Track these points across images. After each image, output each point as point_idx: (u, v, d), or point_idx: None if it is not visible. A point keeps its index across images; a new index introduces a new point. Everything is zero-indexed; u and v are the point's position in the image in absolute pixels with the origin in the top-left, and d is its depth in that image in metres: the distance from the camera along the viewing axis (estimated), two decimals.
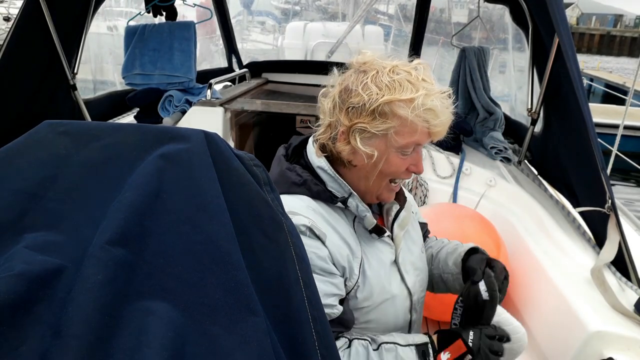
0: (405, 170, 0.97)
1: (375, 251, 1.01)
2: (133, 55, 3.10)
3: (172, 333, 0.38)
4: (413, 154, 0.97)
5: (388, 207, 1.09)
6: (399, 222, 1.06)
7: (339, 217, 0.99)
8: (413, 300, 1.03)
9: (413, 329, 1.06)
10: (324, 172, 1.00)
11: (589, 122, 1.69)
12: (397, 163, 0.96)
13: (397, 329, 1.02)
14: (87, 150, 0.50)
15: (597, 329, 1.51)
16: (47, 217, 0.45)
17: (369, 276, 0.97)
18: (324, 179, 1.00)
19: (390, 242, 1.03)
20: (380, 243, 1.02)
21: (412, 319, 1.04)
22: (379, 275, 0.99)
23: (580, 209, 1.99)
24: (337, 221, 0.98)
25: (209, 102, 2.92)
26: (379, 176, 0.97)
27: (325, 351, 0.51)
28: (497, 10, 3.82)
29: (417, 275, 1.06)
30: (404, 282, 1.02)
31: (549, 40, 2.26)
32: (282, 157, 1.06)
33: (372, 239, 1.01)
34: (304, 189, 0.98)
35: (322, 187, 0.98)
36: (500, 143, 2.86)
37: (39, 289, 0.38)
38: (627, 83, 14.70)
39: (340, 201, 0.98)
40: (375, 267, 0.99)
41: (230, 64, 4.35)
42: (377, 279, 0.98)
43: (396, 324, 1.01)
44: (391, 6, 8.82)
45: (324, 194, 0.98)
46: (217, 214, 0.47)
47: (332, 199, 0.98)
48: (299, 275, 0.53)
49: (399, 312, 1.01)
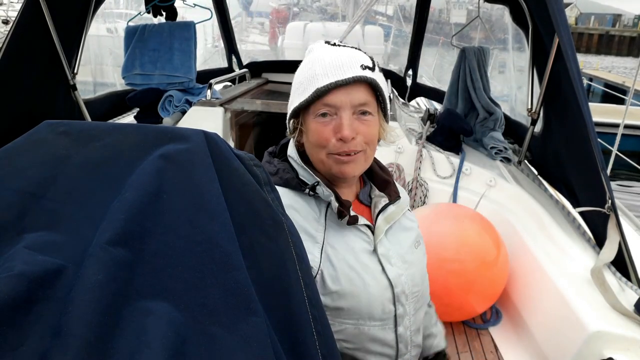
0: (334, 138, 0.98)
1: (343, 238, 1.02)
2: (133, 56, 3.10)
3: (172, 333, 0.38)
4: (335, 118, 0.97)
5: (377, 200, 1.10)
6: (385, 215, 1.07)
7: (305, 205, 1.02)
8: (396, 292, 1.03)
9: (402, 324, 1.05)
10: (294, 161, 1.05)
11: (589, 122, 1.69)
12: (318, 129, 0.98)
13: (373, 319, 1.02)
14: (87, 150, 0.50)
15: (597, 329, 1.51)
16: (47, 217, 0.45)
17: (334, 262, 0.99)
18: (295, 168, 1.05)
19: (367, 231, 1.04)
20: (353, 231, 1.03)
21: (397, 312, 1.04)
22: (346, 262, 1.00)
23: (580, 209, 1.99)
24: (301, 208, 1.01)
25: (209, 102, 2.92)
26: (314, 149, 1.01)
27: (325, 351, 0.51)
28: (496, 10, 3.82)
29: (405, 269, 1.06)
30: (384, 272, 1.03)
31: (549, 40, 2.26)
32: (267, 153, 1.13)
33: (344, 226, 1.02)
34: (277, 177, 1.04)
35: (292, 174, 1.03)
36: (500, 143, 2.86)
37: (39, 289, 0.38)
38: (626, 82, 14.71)
39: (308, 188, 1.00)
40: (342, 253, 1.00)
41: (230, 64, 4.36)
42: (344, 265, 0.99)
43: (371, 313, 1.01)
44: (390, 7, 8.82)
45: (292, 181, 1.02)
46: (217, 214, 0.47)
47: (300, 187, 1.01)
48: (299, 275, 0.53)
49: (373, 301, 1.00)
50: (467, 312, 2.21)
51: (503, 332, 2.20)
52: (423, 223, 2.27)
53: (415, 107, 4.16)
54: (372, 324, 1.02)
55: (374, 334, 1.03)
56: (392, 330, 1.05)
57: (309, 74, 0.99)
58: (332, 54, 0.99)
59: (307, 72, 1.00)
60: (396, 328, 1.05)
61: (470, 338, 2.19)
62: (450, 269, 2.04)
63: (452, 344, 2.16)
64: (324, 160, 1.01)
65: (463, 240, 2.13)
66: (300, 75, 1.03)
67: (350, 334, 1.01)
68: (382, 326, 1.03)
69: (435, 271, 2.12)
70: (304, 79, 1.01)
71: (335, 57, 0.98)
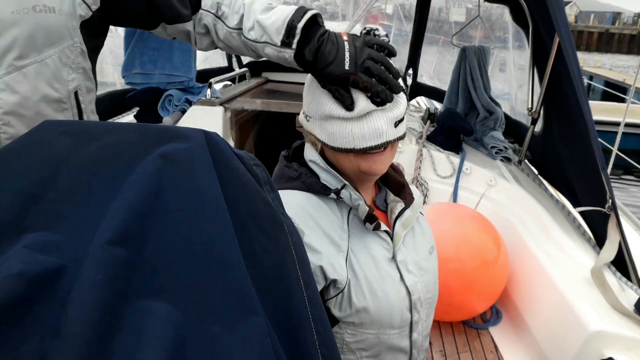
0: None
1: (366, 245, 1.00)
2: (133, 55, 3.10)
3: (172, 333, 0.38)
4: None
5: (392, 206, 1.08)
6: (402, 221, 1.06)
7: (329, 211, 0.99)
8: (413, 299, 1.03)
9: (416, 330, 1.05)
10: (316, 165, 1.01)
11: (589, 121, 1.68)
12: (350, 157, 0.97)
13: (393, 327, 1.01)
14: (87, 150, 0.50)
15: (597, 329, 1.51)
16: (47, 217, 0.45)
17: (357, 272, 0.97)
18: (317, 173, 1.01)
19: (386, 237, 1.03)
20: (374, 237, 1.01)
21: (412, 319, 1.04)
22: (368, 270, 0.98)
23: (580, 209, 1.99)
24: (325, 215, 0.98)
25: (208, 102, 2.92)
26: (338, 153, 0.98)
27: (326, 350, 0.51)
28: (496, 9, 3.82)
29: (421, 276, 1.05)
30: (402, 280, 1.02)
31: (549, 39, 2.26)
32: (283, 157, 1.08)
33: (366, 232, 1.00)
34: (299, 182, 1.00)
35: (315, 179, 1.00)
36: (500, 142, 2.86)
37: (39, 289, 0.38)
38: (626, 80, 14.71)
39: (333, 192, 0.98)
40: (363, 261, 0.98)
41: (230, 63, 4.35)
42: (366, 273, 0.98)
43: (391, 322, 1.01)
44: (389, 6, 8.80)
45: (316, 185, 0.99)
46: (217, 213, 0.47)
47: (324, 191, 0.99)
48: (299, 275, 0.53)
49: (394, 310, 1.00)
50: (467, 312, 2.21)
51: (503, 332, 2.20)
52: None
53: (415, 107, 4.16)
54: (391, 332, 1.01)
55: (392, 342, 1.02)
56: (407, 337, 1.05)
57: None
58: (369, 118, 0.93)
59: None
60: (411, 334, 1.05)
61: (470, 338, 2.20)
62: (450, 269, 2.04)
63: (452, 344, 2.16)
64: (351, 158, 0.97)
65: (463, 239, 2.13)
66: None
67: (370, 343, 1.01)
68: (400, 334, 1.03)
69: None
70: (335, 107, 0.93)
71: (373, 121, 0.93)
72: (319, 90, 0.95)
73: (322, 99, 0.94)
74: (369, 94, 0.91)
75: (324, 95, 0.94)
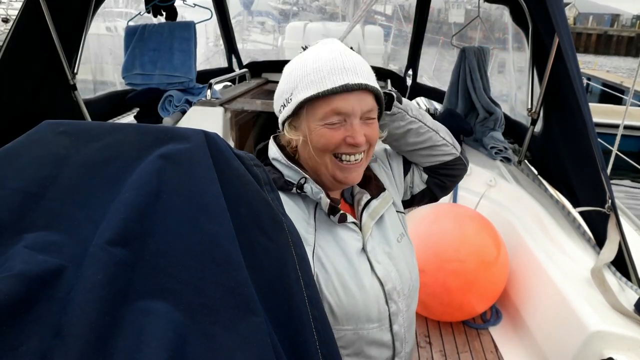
0: (343, 143, 0.97)
1: (335, 239, 1.01)
2: (133, 55, 3.11)
3: (172, 333, 0.38)
4: (346, 125, 0.97)
5: (359, 198, 1.09)
6: (369, 211, 1.07)
7: (294, 206, 1.01)
8: (386, 290, 1.03)
9: (396, 322, 1.05)
10: (278, 161, 1.04)
11: (589, 122, 1.69)
12: (326, 134, 0.96)
13: (371, 321, 1.01)
14: (87, 150, 0.50)
15: (597, 329, 1.51)
16: (47, 217, 0.45)
17: (326, 265, 0.98)
18: (280, 169, 1.03)
19: (356, 229, 1.04)
20: (342, 230, 1.02)
21: (390, 310, 1.04)
22: (338, 263, 0.99)
23: (580, 209, 1.99)
24: (290, 210, 0.98)
25: (209, 102, 2.92)
26: (317, 153, 0.99)
27: (325, 350, 0.51)
28: (496, 10, 3.82)
29: (393, 265, 1.06)
30: (373, 271, 1.02)
31: (549, 40, 2.26)
32: None
33: (335, 226, 1.01)
34: None
35: (278, 175, 1.02)
36: (500, 143, 2.86)
37: (39, 289, 0.38)
38: (624, 82, 14.71)
39: (296, 187, 1.00)
40: (332, 255, 0.99)
41: (230, 64, 4.36)
42: (335, 267, 0.98)
43: (369, 316, 1.01)
44: (388, 6, 8.81)
45: (279, 181, 1.01)
46: (217, 214, 0.47)
47: (287, 186, 1.01)
48: (299, 275, 0.53)
49: (369, 302, 1.00)
50: (467, 312, 2.21)
51: (503, 332, 2.20)
52: (423, 223, 2.28)
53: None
54: (370, 326, 1.01)
55: (372, 337, 1.02)
56: (387, 330, 1.04)
57: (319, 66, 0.95)
58: (344, 56, 0.96)
59: (317, 64, 0.95)
60: (391, 327, 1.05)
61: (470, 338, 2.19)
62: (450, 269, 2.04)
63: (452, 344, 2.16)
64: (327, 165, 0.99)
65: (463, 240, 2.13)
66: (307, 65, 0.97)
67: (349, 340, 1.01)
68: (379, 327, 1.03)
69: (435, 271, 2.13)
70: (312, 70, 0.95)
71: (348, 59, 0.96)
72: (300, 76, 0.98)
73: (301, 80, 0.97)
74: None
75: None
